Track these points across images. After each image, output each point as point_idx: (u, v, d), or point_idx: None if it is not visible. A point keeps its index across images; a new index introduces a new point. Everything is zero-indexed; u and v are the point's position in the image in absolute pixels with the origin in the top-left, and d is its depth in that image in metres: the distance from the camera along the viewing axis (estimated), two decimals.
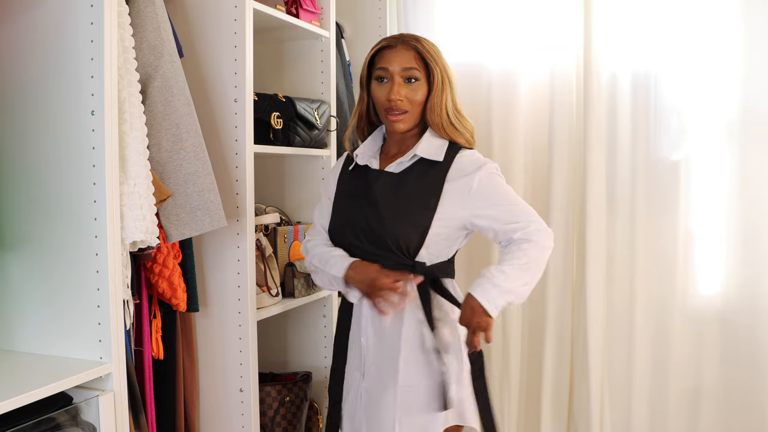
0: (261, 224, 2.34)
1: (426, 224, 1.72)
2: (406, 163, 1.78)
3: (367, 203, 1.77)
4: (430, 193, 1.73)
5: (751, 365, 2.59)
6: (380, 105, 1.77)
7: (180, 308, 1.96)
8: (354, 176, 1.85)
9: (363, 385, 1.81)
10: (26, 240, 1.68)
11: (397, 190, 1.76)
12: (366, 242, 1.76)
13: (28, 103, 1.65)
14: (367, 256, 1.75)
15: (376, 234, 1.74)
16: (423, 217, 1.72)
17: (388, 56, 1.76)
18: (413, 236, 1.72)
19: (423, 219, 1.72)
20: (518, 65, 2.82)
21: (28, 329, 1.69)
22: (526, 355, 2.89)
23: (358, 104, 1.87)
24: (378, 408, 1.77)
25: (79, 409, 1.59)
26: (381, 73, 1.76)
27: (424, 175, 1.75)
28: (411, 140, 1.81)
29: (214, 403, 2.18)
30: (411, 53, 1.75)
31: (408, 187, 1.75)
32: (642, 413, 2.73)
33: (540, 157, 2.83)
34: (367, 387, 1.80)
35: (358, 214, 1.78)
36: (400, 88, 1.73)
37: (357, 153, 1.84)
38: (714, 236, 2.64)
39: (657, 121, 2.67)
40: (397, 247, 1.72)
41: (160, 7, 1.85)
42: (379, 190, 1.77)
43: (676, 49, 2.62)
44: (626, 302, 2.72)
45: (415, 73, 1.74)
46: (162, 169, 1.83)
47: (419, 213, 1.73)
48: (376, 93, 1.77)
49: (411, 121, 1.77)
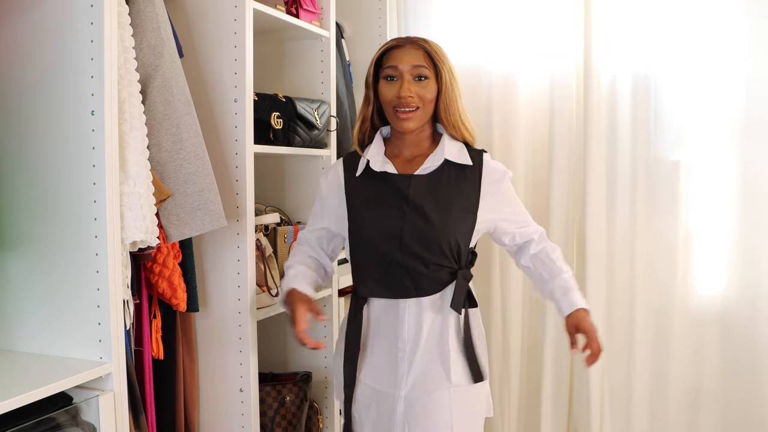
0: (261, 224, 2.34)
1: (472, 227, 1.77)
2: (433, 167, 1.77)
3: (409, 209, 1.73)
4: (471, 196, 1.77)
5: (751, 366, 2.59)
6: (389, 103, 1.76)
7: (180, 308, 1.96)
8: (368, 182, 1.80)
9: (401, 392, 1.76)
10: (26, 240, 1.68)
11: (437, 194, 1.75)
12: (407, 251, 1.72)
13: (28, 103, 1.65)
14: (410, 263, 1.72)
15: (426, 240, 1.71)
16: (468, 218, 1.76)
17: (398, 55, 1.76)
18: (462, 239, 1.75)
19: (470, 222, 1.76)
20: (518, 66, 2.82)
21: (28, 329, 1.69)
22: (526, 355, 2.90)
23: (364, 105, 1.85)
24: (427, 412, 1.75)
25: (79, 409, 1.59)
26: (390, 72, 1.76)
27: (459, 179, 1.76)
28: (425, 142, 1.81)
29: (214, 403, 2.18)
30: (420, 52, 1.75)
31: (447, 191, 1.75)
32: (642, 413, 2.73)
33: (540, 158, 2.83)
34: (408, 393, 1.76)
35: (395, 222, 1.73)
36: (410, 85, 1.73)
37: (369, 158, 1.79)
38: (714, 236, 2.64)
39: (657, 122, 2.67)
40: (450, 251, 1.72)
41: (160, 7, 1.85)
42: (418, 195, 1.74)
43: (677, 50, 2.62)
44: (626, 302, 2.73)
45: (424, 72, 1.74)
46: (162, 169, 1.83)
47: (465, 216, 1.76)
48: (385, 91, 1.76)
49: (420, 119, 1.76)
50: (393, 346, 1.77)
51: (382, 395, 1.79)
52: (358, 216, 1.79)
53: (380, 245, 1.74)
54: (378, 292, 1.77)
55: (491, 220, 1.81)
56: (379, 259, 1.75)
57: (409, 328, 1.76)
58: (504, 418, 2.89)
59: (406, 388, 1.76)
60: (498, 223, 1.83)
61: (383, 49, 1.80)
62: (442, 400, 1.74)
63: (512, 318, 2.84)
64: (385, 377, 1.79)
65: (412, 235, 1.72)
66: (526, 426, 2.92)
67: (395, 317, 1.77)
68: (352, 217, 1.79)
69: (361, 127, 1.85)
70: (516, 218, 1.85)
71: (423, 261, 1.72)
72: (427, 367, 1.75)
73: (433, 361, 1.75)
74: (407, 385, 1.76)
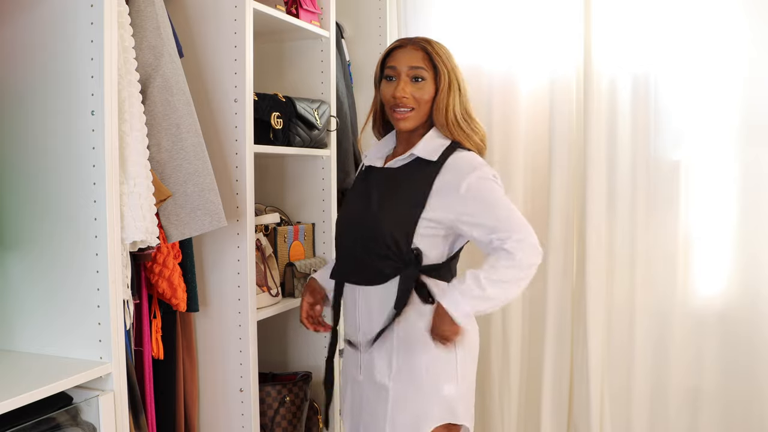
0: (261, 224, 2.34)
1: (413, 221, 1.70)
2: (403, 161, 1.79)
3: (367, 199, 1.80)
4: (419, 190, 1.72)
5: (751, 366, 2.59)
6: (387, 102, 1.80)
7: (180, 308, 1.96)
8: (362, 177, 1.89)
9: (360, 377, 1.83)
10: (26, 240, 1.68)
11: (390, 186, 1.78)
12: (353, 237, 1.80)
13: (28, 103, 1.65)
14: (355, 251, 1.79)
15: (367, 228, 1.76)
16: (411, 214, 1.71)
17: (397, 55, 1.79)
18: (400, 232, 1.71)
19: (411, 216, 1.71)
20: (518, 66, 2.82)
21: (28, 329, 1.69)
22: (526, 355, 2.89)
23: (372, 105, 1.91)
24: (376, 401, 1.77)
25: (79, 409, 1.59)
26: (389, 72, 1.79)
27: (416, 173, 1.75)
28: (417, 140, 1.82)
29: (214, 403, 2.18)
30: (419, 53, 1.77)
31: (400, 183, 1.77)
32: (642, 413, 2.73)
33: (540, 158, 2.83)
34: (363, 378, 1.82)
35: (353, 211, 1.84)
36: (405, 86, 1.75)
37: (366, 154, 1.90)
38: (714, 236, 2.63)
39: (657, 122, 2.66)
40: (388, 242, 1.71)
41: (160, 7, 1.85)
42: (375, 186, 1.80)
43: (677, 50, 2.61)
44: (626, 302, 2.72)
45: (421, 73, 1.76)
46: (162, 169, 1.83)
47: (407, 210, 1.72)
48: (384, 91, 1.80)
49: (417, 119, 1.78)
50: (354, 330, 1.84)
51: (350, 377, 1.88)
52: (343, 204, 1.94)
53: (339, 232, 1.86)
54: (337, 275, 1.86)
55: (450, 219, 1.70)
56: (338, 246, 1.86)
57: (360, 314, 1.81)
58: (504, 418, 2.89)
59: (362, 374, 1.82)
60: (458, 225, 1.70)
61: (388, 49, 1.83)
62: (385, 391, 1.76)
63: (512, 318, 2.84)
64: (350, 361, 1.87)
65: (359, 222, 1.79)
66: (526, 426, 2.92)
67: (353, 303, 1.83)
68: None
69: (374, 125, 1.93)
70: (480, 221, 1.67)
71: (365, 249, 1.75)
72: (374, 356, 1.79)
73: (379, 351, 1.77)
74: (361, 370, 1.82)
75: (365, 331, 1.79)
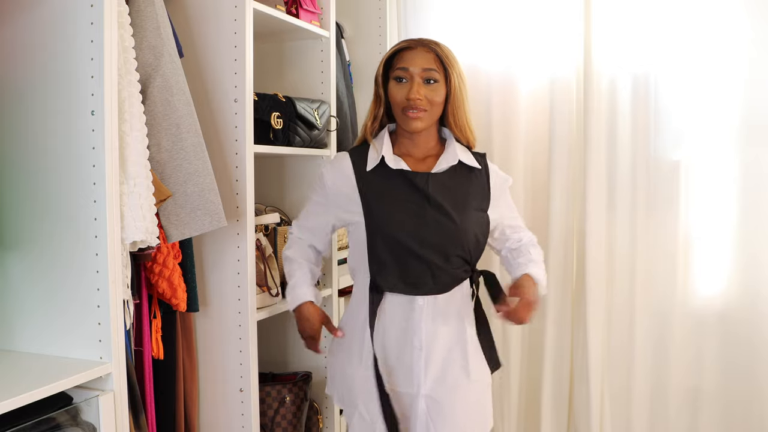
0: (261, 224, 2.34)
1: (487, 222, 1.83)
2: (446, 167, 1.80)
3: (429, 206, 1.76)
4: (482, 197, 1.83)
5: (751, 366, 2.59)
6: (398, 104, 1.78)
7: (180, 308, 1.96)
8: (382, 178, 1.79)
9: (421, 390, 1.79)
10: (26, 240, 1.68)
11: (453, 193, 1.79)
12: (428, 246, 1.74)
13: (28, 103, 1.65)
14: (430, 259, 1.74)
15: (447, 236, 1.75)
16: (484, 216, 1.82)
17: (409, 57, 1.78)
18: (481, 236, 1.81)
19: (485, 218, 1.82)
20: (518, 66, 2.82)
21: (28, 329, 1.69)
22: (526, 354, 2.89)
23: (375, 104, 1.86)
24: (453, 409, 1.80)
25: (79, 409, 1.59)
26: (400, 74, 1.78)
27: (469, 180, 1.82)
28: (432, 142, 1.85)
29: (214, 403, 2.18)
30: (431, 55, 1.77)
31: (463, 190, 1.80)
32: (642, 413, 2.73)
33: (540, 158, 2.83)
34: (429, 391, 1.79)
35: (416, 218, 1.75)
36: (419, 88, 1.75)
37: (384, 155, 1.80)
38: (714, 236, 2.63)
39: (657, 122, 2.67)
40: (468, 247, 1.77)
41: (160, 7, 1.85)
42: (436, 193, 1.77)
43: (676, 50, 2.61)
44: (626, 302, 2.72)
45: (434, 75, 1.76)
46: (162, 169, 1.83)
47: (481, 215, 1.82)
48: (395, 93, 1.78)
49: (429, 120, 1.79)
50: (407, 345, 1.78)
51: (396, 395, 1.80)
52: (377, 211, 1.77)
53: (401, 241, 1.74)
54: (398, 287, 1.76)
55: (495, 220, 1.86)
56: (400, 255, 1.75)
57: (426, 326, 1.77)
58: (504, 418, 2.89)
59: (426, 387, 1.79)
60: (503, 223, 1.90)
61: (394, 49, 1.81)
62: (465, 396, 1.81)
63: None
64: (399, 377, 1.80)
65: (435, 231, 1.75)
66: (526, 426, 2.92)
67: (411, 315, 1.78)
68: (370, 212, 1.77)
69: (372, 124, 1.87)
70: (512, 222, 1.92)
71: (444, 256, 1.75)
72: (446, 365, 1.79)
73: (451, 358, 1.79)
74: (427, 383, 1.78)
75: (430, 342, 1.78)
